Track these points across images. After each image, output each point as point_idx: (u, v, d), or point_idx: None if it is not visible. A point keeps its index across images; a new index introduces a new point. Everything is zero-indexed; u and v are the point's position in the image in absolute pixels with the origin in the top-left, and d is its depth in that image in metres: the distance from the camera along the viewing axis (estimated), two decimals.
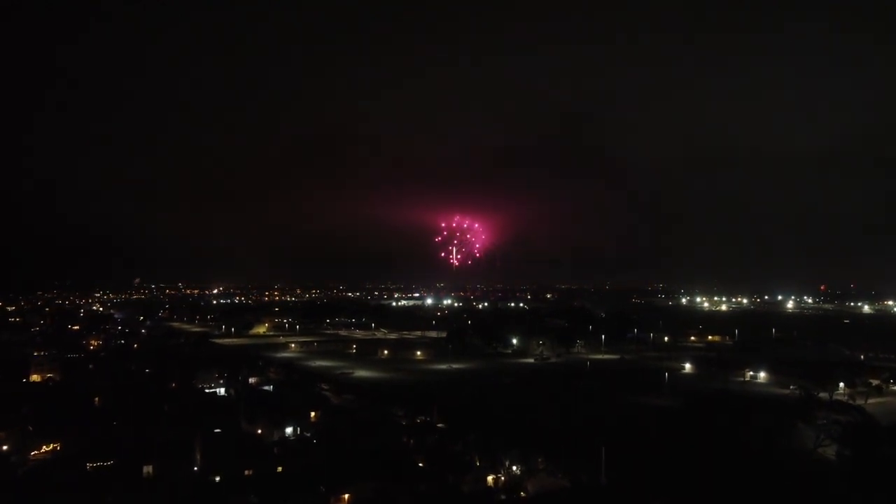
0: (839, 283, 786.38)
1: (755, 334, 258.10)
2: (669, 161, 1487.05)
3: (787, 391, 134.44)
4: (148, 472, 73.91)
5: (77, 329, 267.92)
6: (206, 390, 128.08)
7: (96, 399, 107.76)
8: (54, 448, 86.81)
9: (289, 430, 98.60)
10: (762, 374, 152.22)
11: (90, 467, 76.04)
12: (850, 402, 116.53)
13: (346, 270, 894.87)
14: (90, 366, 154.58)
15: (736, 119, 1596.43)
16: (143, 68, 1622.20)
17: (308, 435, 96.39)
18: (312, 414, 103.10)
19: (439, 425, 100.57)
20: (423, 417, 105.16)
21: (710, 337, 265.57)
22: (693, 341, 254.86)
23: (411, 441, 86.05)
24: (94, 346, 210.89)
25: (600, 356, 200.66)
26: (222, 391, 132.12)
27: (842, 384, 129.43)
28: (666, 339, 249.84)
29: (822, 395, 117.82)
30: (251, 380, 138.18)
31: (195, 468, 77.00)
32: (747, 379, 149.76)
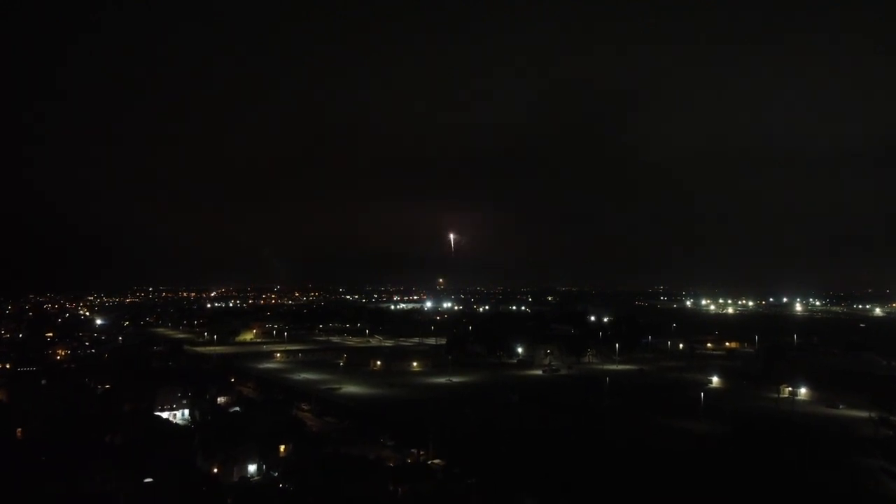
0: (842, 285, 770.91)
1: (774, 340, 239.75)
2: (671, 163, 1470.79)
3: (837, 411, 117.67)
4: None
5: (51, 336, 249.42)
6: (165, 414, 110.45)
7: (19, 431, 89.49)
8: None
9: (252, 467, 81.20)
10: (803, 390, 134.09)
11: None
12: None
13: (346, 272, 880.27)
14: (43, 381, 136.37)
15: (742, 120, 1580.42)
16: (144, 71, 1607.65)
17: (275, 475, 79.00)
18: (282, 448, 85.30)
19: (436, 461, 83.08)
20: (417, 450, 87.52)
21: (727, 343, 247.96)
22: (710, 348, 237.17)
23: (400, 489, 68.10)
24: (60, 355, 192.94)
25: (615, 367, 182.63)
26: (186, 413, 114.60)
27: None
28: (681, 345, 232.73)
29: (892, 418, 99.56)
30: (220, 399, 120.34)
31: None
32: (786, 395, 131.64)
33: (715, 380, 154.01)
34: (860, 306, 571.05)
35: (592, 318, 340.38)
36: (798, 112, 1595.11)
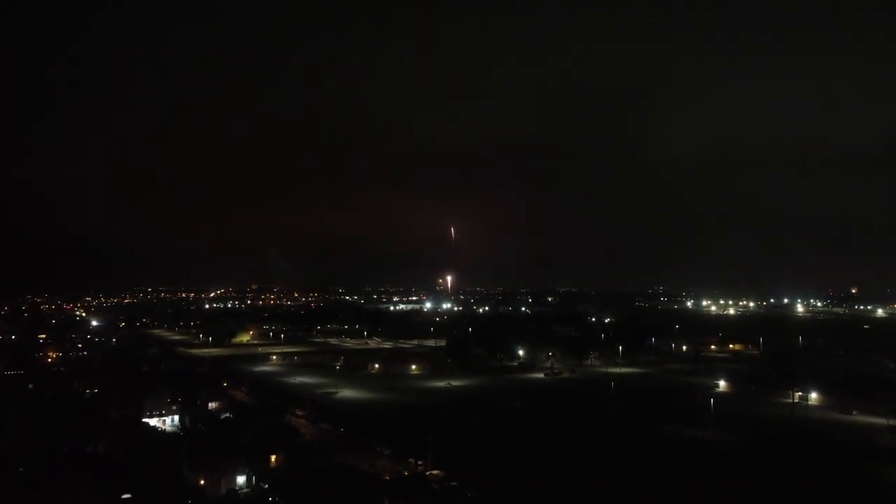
0: (843, 285, 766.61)
1: (779, 342, 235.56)
2: (671, 162, 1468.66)
3: (851, 418, 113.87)
4: None
5: (43, 338, 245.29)
6: (154, 420, 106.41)
7: None
8: None
9: (241, 479, 76.98)
10: (813, 395, 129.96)
11: None
12: None
13: (346, 272, 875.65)
14: (29, 385, 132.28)
15: (742, 120, 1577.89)
16: (144, 71, 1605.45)
17: (265, 487, 74.79)
18: (274, 457, 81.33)
19: (434, 472, 78.95)
20: (415, 460, 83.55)
21: (731, 346, 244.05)
22: (714, 350, 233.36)
23: None
24: (52, 358, 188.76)
25: (618, 370, 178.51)
26: (176, 419, 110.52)
27: None
28: (684, 348, 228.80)
29: None
30: (212, 404, 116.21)
31: None
32: (797, 400, 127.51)
33: (722, 384, 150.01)
34: (862, 307, 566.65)
35: (593, 320, 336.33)
36: (798, 112, 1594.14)
